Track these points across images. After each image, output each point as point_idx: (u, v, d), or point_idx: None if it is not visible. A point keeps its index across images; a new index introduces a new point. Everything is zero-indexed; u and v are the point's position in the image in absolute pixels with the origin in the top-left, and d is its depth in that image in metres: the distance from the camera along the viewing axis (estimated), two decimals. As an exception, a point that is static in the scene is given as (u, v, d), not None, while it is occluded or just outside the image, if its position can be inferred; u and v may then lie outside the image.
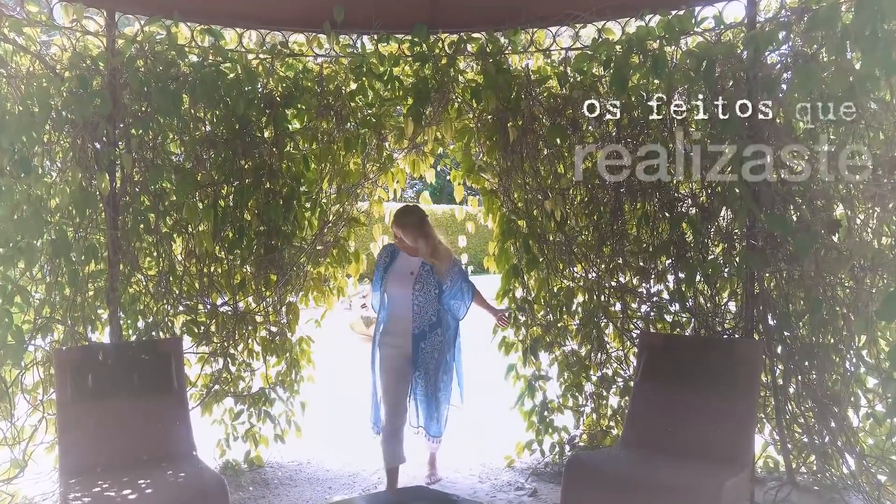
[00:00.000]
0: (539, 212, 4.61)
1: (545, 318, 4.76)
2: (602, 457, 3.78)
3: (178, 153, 4.36)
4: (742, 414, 3.60)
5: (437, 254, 4.23)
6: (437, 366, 4.27)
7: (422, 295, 4.17)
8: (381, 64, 4.55)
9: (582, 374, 4.72)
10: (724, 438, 3.57)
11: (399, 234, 4.23)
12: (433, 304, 4.20)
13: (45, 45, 4.09)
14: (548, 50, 4.71)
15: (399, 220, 4.24)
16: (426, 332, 4.21)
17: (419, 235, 4.19)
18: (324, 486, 4.56)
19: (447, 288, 4.25)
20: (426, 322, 4.20)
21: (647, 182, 4.31)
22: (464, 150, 4.77)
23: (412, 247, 4.22)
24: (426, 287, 4.18)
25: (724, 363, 3.74)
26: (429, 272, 4.19)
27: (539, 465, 4.79)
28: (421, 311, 4.18)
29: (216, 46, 4.29)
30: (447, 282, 4.23)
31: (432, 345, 4.23)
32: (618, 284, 4.61)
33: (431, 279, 4.19)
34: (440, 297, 4.22)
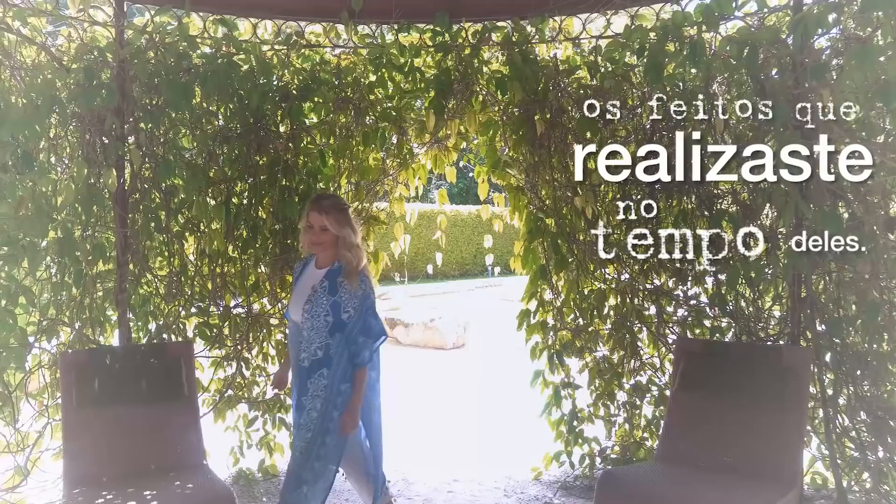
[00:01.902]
0: (568, 209, 4.37)
1: (574, 321, 4.51)
2: (637, 473, 3.52)
3: (190, 148, 4.19)
4: (789, 427, 3.35)
5: (355, 252, 3.27)
6: (319, 423, 3.19)
7: (310, 318, 3.20)
8: (402, 55, 4.35)
9: (614, 382, 4.47)
10: (769, 454, 3.32)
11: (319, 222, 3.22)
12: (321, 335, 3.17)
13: (51, 35, 3.94)
14: (577, 38, 4.47)
15: (319, 203, 3.29)
16: (312, 370, 3.20)
17: (346, 223, 3.25)
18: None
19: (350, 317, 3.19)
20: (312, 355, 3.20)
21: (683, 178, 4.06)
22: (488, 145, 4.54)
23: (327, 246, 3.26)
24: (315, 309, 3.19)
25: (768, 372, 3.49)
26: (325, 291, 3.20)
27: (568, 479, 4.55)
28: (309, 339, 3.20)
29: (229, 37, 4.12)
30: (350, 306, 3.20)
31: (315, 389, 3.20)
32: (652, 287, 4.35)
33: (324, 300, 3.18)
34: (333, 327, 3.17)
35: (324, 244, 3.25)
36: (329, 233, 3.22)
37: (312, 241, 3.26)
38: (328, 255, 3.29)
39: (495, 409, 6.62)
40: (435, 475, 4.74)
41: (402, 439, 5.61)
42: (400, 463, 4.97)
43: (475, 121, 4.40)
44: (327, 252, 3.28)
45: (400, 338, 10.93)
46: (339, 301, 3.19)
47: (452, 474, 4.76)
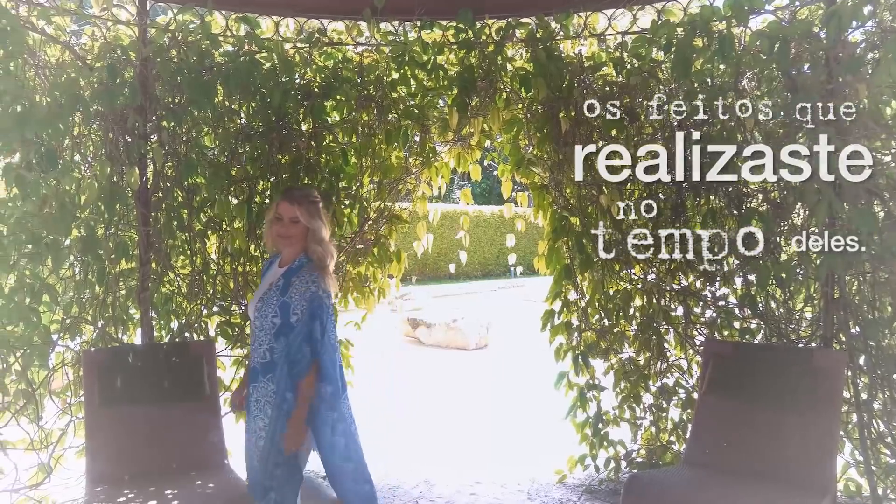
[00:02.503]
0: (593, 208, 4.30)
1: (599, 322, 4.44)
2: (665, 477, 3.44)
3: (212, 147, 4.18)
4: (822, 432, 3.25)
5: (326, 247, 3.04)
6: (270, 430, 2.95)
7: (259, 318, 2.98)
8: (425, 52, 4.31)
9: (640, 384, 4.39)
10: (802, 459, 3.23)
11: (290, 213, 2.99)
12: (268, 336, 2.94)
13: (75, 34, 3.95)
14: (602, 34, 4.40)
15: (291, 193, 3.09)
16: (262, 373, 2.96)
17: (317, 215, 3.02)
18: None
19: (298, 321, 2.92)
20: (261, 358, 2.96)
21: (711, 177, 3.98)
22: (512, 143, 4.48)
23: (295, 240, 3.02)
24: (265, 309, 2.96)
25: (800, 375, 3.40)
26: (278, 290, 2.96)
27: (593, 482, 4.47)
28: (257, 340, 2.99)
29: (251, 35, 4.11)
30: (298, 307, 2.92)
31: (264, 394, 2.96)
32: (679, 287, 4.26)
33: (274, 300, 2.94)
34: (279, 329, 2.92)
35: (292, 238, 3.00)
36: (299, 225, 2.98)
37: (280, 233, 3.01)
38: (294, 251, 3.04)
39: (518, 410, 6.55)
40: (457, 477, 4.69)
41: (424, 440, 5.57)
42: (422, 464, 4.94)
43: (499, 118, 4.34)
44: (293, 248, 3.03)
45: (422, 338, 10.89)
46: (288, 302, 2.92)
47: (475, 476, 4.71)
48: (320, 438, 3.00)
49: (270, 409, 2.93)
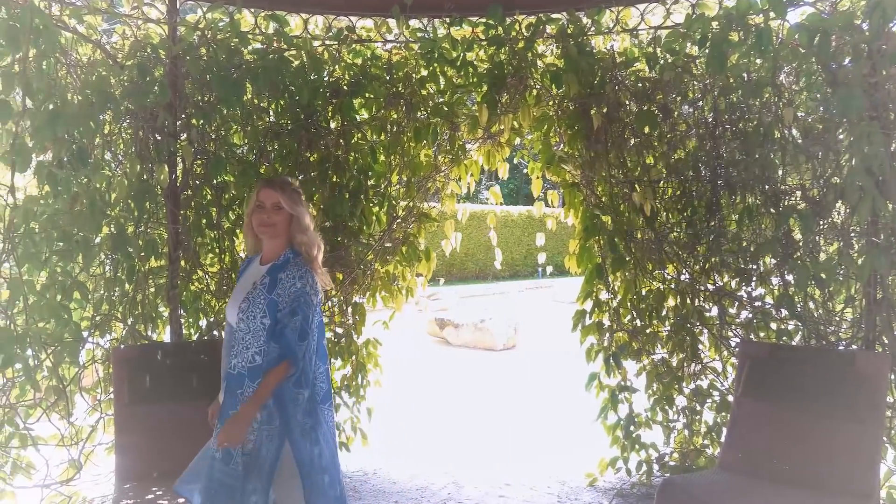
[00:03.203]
0: (626, 206, 4.23)
1: (632, 322, 4.35)
2: (700, 481, 3.35)
3: (241, 145, 4.18)
4: (864, 438, 3.13)
5: (311, 236, 2.85)
6: (257, 449, 2.68)
7: (245, 320, 2.72)
8: (454, 49, 4.25)
9: (673, 386, 4.30)
10: (842, 466, 3.12)
11: (272, 199, 2.80)
12: (258, 339, 2.69)
13: (106, 33, 3.97)
14: (635, 29, 4.32)
15: (271, 181, 2.91)
16: (244, 378, 2.69)
17: (300, 203, 2.86)
18: (390, 499, 4.28)
19: (282, 314, 2.71)
20: (248, 362, 2.70)
21: (748, 173, 3.88)
22: (543, 140, 4.42)
23: (278, 230, 2.81)
24: (252, 309, 2.72)
25: (841, 378, 3.28)
26: (265, 288, 2.73)
27: (624, 486, 4.39)
28: (243, 344, 2.72)
29: (280, 33, 4.09)
30: (283, 303, 2.72)
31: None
32: (714, 287, 4.16)
33: (261, 300, 2.71)
34: (268, 329, 2.70)
35: (275, 226, 2.79)
36: (282, 213, 2.78)
37: (263, 221, 2.79)
38: (277, 245, 2.83)
39: (548, 412, 6.47)
40: (486, 479, 4.63)
41: (452, 441, 5.53)
42: (450, 465, 4.89)
43: (529, 115, 4.28)
44: (277, 241, 2.82)
45: (449, 338, 10.84)
46: (276, 300, 2.71)
47: (504, 478, 4.65)
48: (300, 452, 2.74)
49: (259, 415, 2.67)
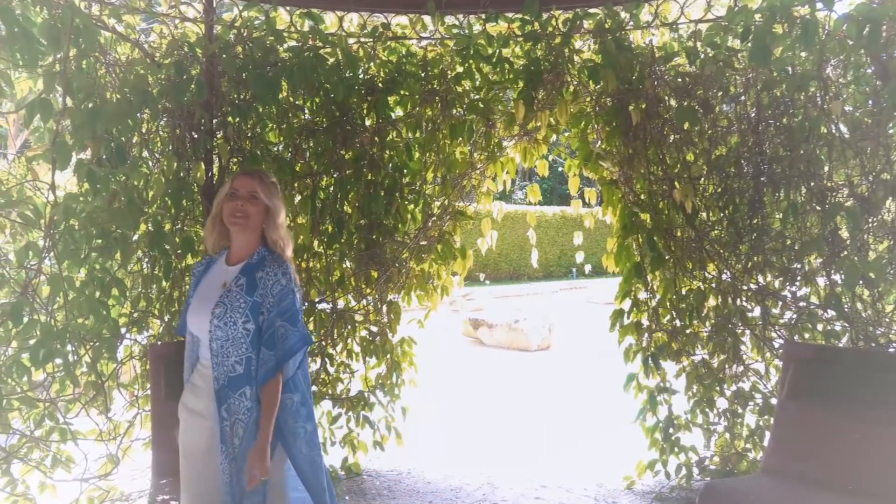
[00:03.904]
0: (665, 204, 4.14)
1: (671, 323, 4.26)
2: (742, 486, 3.25)
3: (276, 142, 4.18)
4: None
5: (284, 234, 2.63)
6: (244, 452, 2.46)
7: (223, 327, 2.47)
8: (490, 45, 4.21)
9: (714, 388, 4.20)
10: (891, 474, 3.00)
11: (249, 187, 2.55)
12: (240, 346, 2.46)
13: (144, 32, 4.00)
14: (675, 23, 4.23)
15: (247, 169, 2.78)
16: (226, 390, 2.46)
17: (276, 195, 2.60)
18: (424, 499, 4.25)
19: (265, 319, 2.48)
20: (229, 371, 2.47)
21: (793, 170, 3.78)
22: (580, 137, 4.35)
23: (251, 224, 2.54)
24: (230, 315, 2.46)
25: (891, 382, 3.18)
26: (242, 290, 2.49)
27: (663, 489, 4.30)
28: (221, 353, 2.48)
29: (316, 30, 4.09)
30: (265, 305, 2.48)
31: (235, 411, 2.46)
32: (757, 286, 4.05)
33: (241, 303, 2.46)
34: (255, 335, 2.47)
35: (248, 219, 2.52)
36: (258, 204, 2.53)
37: (236, 210, 2.52)
38: (248, 241, 2.57)
39: (584, 413, 6.38)
40: (522, 480, 4.57)
41: (486, 442, 5.48)
42: (485, 466, 4.84)
43: (566, 112, 4.20)
44: (248, 236, 2.57)
45: (483, 338, 10.79)
46: (258, 301, 2.47)
47: (540, 480, 4.58)
48: (298, 457, 2.54)
49: (242, 429, 2.46)
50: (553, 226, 21.28)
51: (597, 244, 19.04)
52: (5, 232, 3.41)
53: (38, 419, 3.48)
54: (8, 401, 3.27)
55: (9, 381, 3.26)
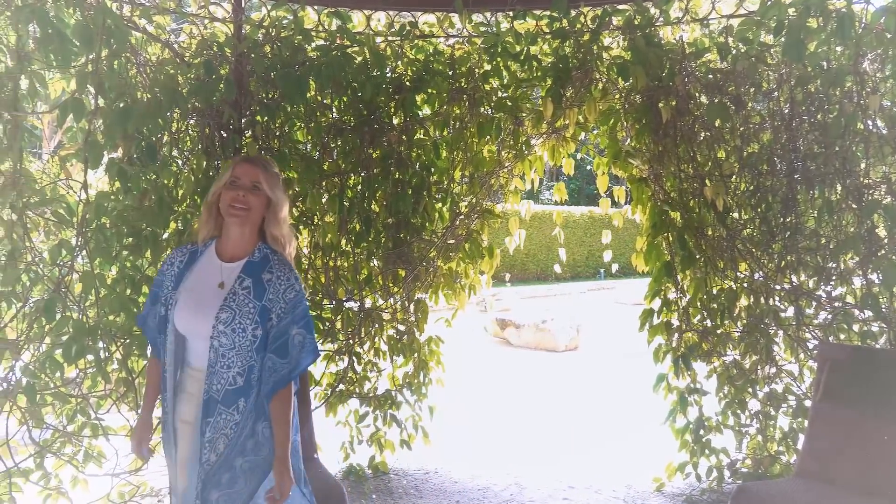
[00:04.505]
0: (696, 202, 4.08)
1: (702, 323, 4.20)
2: (776, 489, 3.19)
3: (305, 141, 4.20)
4: (958, 447, 2.93)
5: (287, 231, 2.41)
6: (216, 469, 2.24)
7: (227, 332, 2.22)
8: (518, 43, 4.18)
9: (745, 389, 4.13)
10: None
11: (252, 175, 2.31)
12: (244, 355, 2.23)
13: (174, 32, 4.04)
14: (706, 19, 4.17)
15: (250, 157, 2.58)
16: (217, 404, 2.22)
17: (279, 186, 2.38)
18: (451, 499, 4.23)
19: (272, 326, 2.26)
20: (229, 384, 2.23)
21: (827, 167, 3.70)
22: (609, 135, 4.30)
23: (251, 216, 2.30)
24: (239, 321, 2.22)
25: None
26: (250, 292, 2.26)
27: (694, 492, 4.24)
28: (220, 361, 2.23)
29: (343, 29, 4.09)
30: (275, 311, 2.26)
31: (223, 426, 2.22)
32: (790, 286, 3.97)
33: (250, 308, 2.23)
34: (261, 343, 2.24)
35: (249, 210, 2.28)
36: (260, 196, 2.30)
37: (236, 200, 2.26)
38: (245, 236, 2.33)
39: (612, 413, 6.32)
40: (549, 481, 4.54)
41: (514, 442, 5.45)
42: (512, 466, 4.81)
43: (595, 109, 4.16)
44: (245, 229, 2.31)
45: (511, 339, 10.75)
46: (267, 307, 2.25)
47: (568, 481, 4.55)
48: (294, 470, 2.35)
49: (224, 444, 2.23)
50: (581, 226, 21.15)
51: (625, 245, 18.89)
52: (39, 230, 3.46)
53: (71, 415, 3.53)
54: (41, 396, 3.31)
55: (42, 376, 3.31)
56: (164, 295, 2.38)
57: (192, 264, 2.37)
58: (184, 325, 2.29)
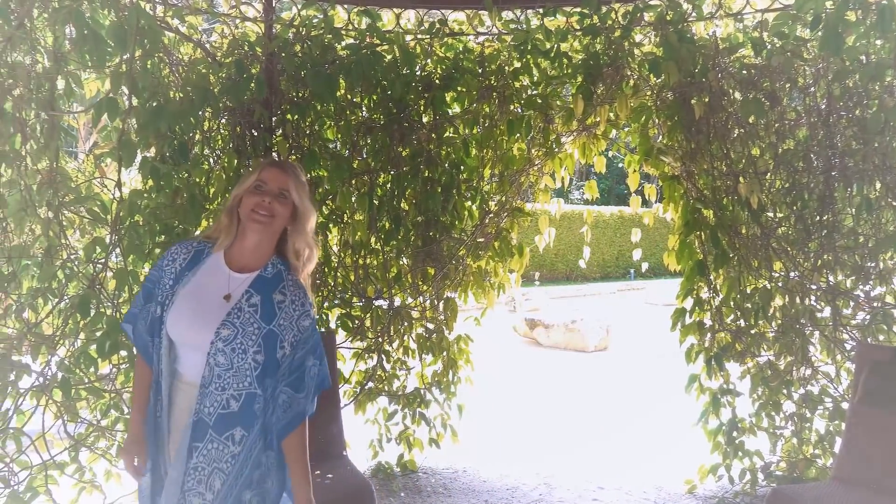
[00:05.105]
0: (729, 200, 4.01)
1: (735, 322, 4.13)
2: (812, 494, 3.12)
3: (334, 139, 4.21)
4: None
5: (313, 245, 2.21)
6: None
7: (227, 351, 2.00)
8: (548, 40, 4.15)
9: (780, 391, 4.06)
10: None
11: (281, 182, 2.10)
12: (243, 379, 2.01)
13: (206, 32, 4.08)
14: (740, 13, 4.10)
15: (282, 162, 2.28)
16: (205, 427, 2.01)
17: (308, 196, 2.17)
18: (480, 498, 4.22)
19: (284, 356, 2.04)
20: (221, 407, 2.01)
21: (866, 163, 3.62)
22: (640, 132, 4.25)
23: (274, 227, 2.10)
24: (241, 341, 2.01)
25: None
26: (257, 312, 2.04)
27: (727, 495, 4.17)
28: (215, 382, 2.01)
29: (373, 28, 4.10)
30: (287, 338, 2.05)
31: (216, 457, 2.01)
32: (827, 286, 3.89)
33: (254, 328, 2.02)
34: (265, 370, 2.02)
35: (274, 219, 2.08)
36: (286, 203, 2.09)
37: (261, 206, 2.05)
38: (262, 246, 2.12)
39: (643, 414, 6.25)
40: (579, 481, 4.50)
41: (543, 442, 5.42)
42: (541, 466, 4.78)
43: (626, 106, 4.11)
44: (264, 239, 2.11)
45: (540, 339, 10.69)
46: (275, 331, 2.04)
47: (598, 481, 4.51)
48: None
49: (221, 480, 2.01)
50: (610, 226, 20.98)
51: (655, 245, 18.69)
52: (74, 228, 3.51)
53: (105, 409, 3.57)
54: (76, 391, 3.36)
55: (77, 371, 3.36)
56: (160, 293, 2.12)
57: (196, 265, 2.13)
58: (177, 333, 2.06)
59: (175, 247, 2.21)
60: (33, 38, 3.27)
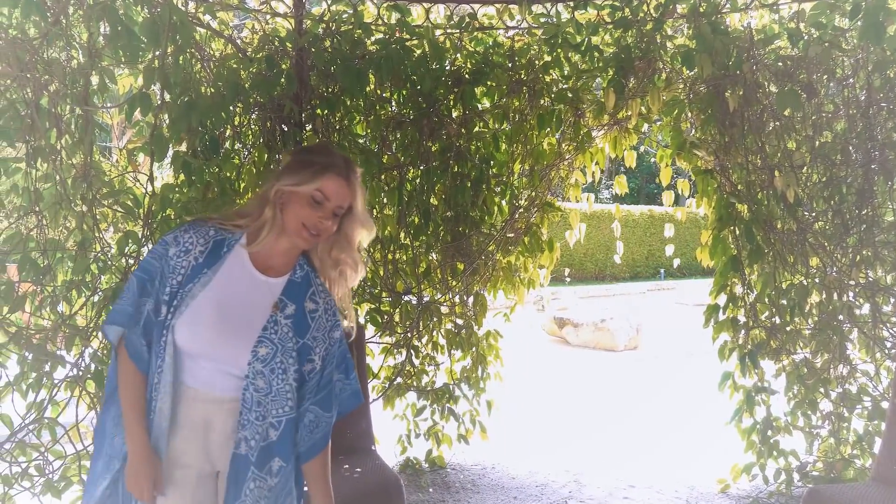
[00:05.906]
0: (764, 194, 3.94)
1: (770, 319, 4.05)
2: (851, 495, 3.04)
3: (364, 134, 4.22)
4: None
5: (360, 260, 1.96)
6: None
7: (265, 372, 1.78)
8: (578, 33, 4.10)
9: (817, 389, 3.97)
10: None
11: (345, 199, 1.83)
12: (283, 402, 1.80)
13: (237, 28, 4.11)
14: (776, 4, 4.02)
15: (350, 168, 1.87)
16: (247, 464, 1.78)
17: (362, 199, 1.90)
18: (508, 495, 4.19)
19: (313, 371, 1.86)
20: (263, 438, 1.79)
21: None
22: (673, 126, 4.19)
23: (320, 240, 1.86)
24: (280, 356, 1.79)
25: None
26: (293, 326, 1.83)
27: (761, 495, 4.09)
28: (260, 411, 1.78)
29: (403, 23, 4.09)
30: (317, 351, 1.86)
31: (256, 496, 1.79)
32: (866, 282, 3.80)
33: (291, 342, 1.81)
34: (295, 388, 1.82)
35: (321, 237, 1.84)
36: (338, 219, 1.85)
37: (319, 226, 1.80)
38: (295, 250, 1.88)
39: (675, 413, 6.17)
40: (610, 479, 4.45)
41: (573, 440, 5.37)
42: (571, 463, 4.74)
43: (658, 100, 4.04)
44: (294, 243, 1.86)
45: (569, 338, 10.61)
46: (309, 345, 1.84)
47: (629, 480, 4.45)
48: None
49: (270, 478, 1.81)
50: (640, 225, 20.76)
51: (686, 244, 18.46)
52: (108, 221, 3.55)
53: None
54: (109, 381, 3.40)
55: (109, 363, 3.39)
56: (161, 289, 1.78)
57: (216, 262, 1.81)
58: (196, 346, 1.77)
59: (186, 233, 1.82)
60: (69, 34, 3.31)
